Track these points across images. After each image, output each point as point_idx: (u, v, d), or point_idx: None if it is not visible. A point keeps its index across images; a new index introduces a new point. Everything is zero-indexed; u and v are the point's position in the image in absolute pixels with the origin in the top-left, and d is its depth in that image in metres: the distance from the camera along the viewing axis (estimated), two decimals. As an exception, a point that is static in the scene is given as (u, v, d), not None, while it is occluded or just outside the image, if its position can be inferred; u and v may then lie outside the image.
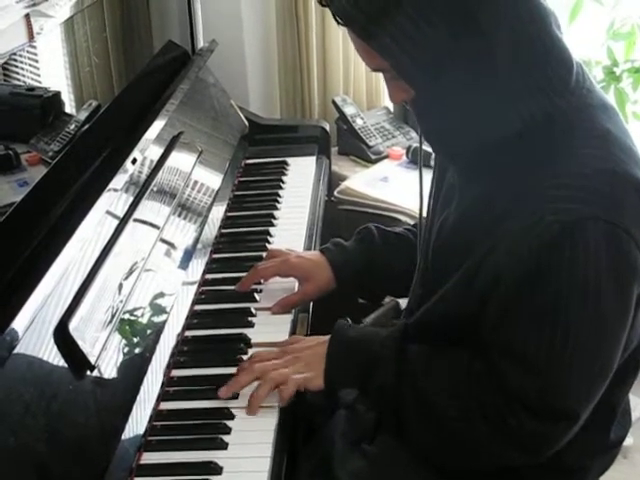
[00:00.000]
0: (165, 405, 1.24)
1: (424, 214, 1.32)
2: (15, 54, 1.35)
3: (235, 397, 1.25)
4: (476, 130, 1.10)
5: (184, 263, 1.48)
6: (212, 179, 1.77)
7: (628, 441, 2.14)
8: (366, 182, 2.27)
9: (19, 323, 1.01)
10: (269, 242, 1.69)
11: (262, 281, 1.51)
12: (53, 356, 1.07)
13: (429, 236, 1.27)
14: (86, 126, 1.50)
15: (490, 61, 1.05)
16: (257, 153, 2.09)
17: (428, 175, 1.32)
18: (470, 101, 1.08)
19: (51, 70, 1.54)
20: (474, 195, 1.16)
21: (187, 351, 1.36)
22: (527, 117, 1.08)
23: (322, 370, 1.24)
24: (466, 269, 1.13)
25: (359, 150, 2.44)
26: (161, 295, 1.37)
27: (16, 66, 1.41)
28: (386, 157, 2.41)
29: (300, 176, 1.98)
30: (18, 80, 1.43)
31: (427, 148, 1.34)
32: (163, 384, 1.27)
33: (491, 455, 1.15)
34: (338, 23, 1.09)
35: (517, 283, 1.06)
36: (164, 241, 1.45)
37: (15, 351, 1.00)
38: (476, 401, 1.12)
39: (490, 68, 1.05)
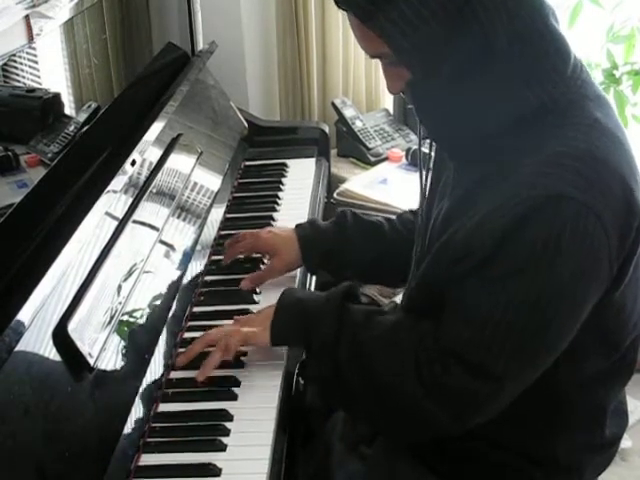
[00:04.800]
0: (164, 407, 1.25)
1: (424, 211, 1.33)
2: (15, 55, 1.35)
3: (234, 399, 1.25)
4: (473, 118, 1.11)
5: (183, 265, 1.48)
6: (211, 181, 1.77)
7: (626, 444, 2.16)
8: (365, 184, 2.28)
9: (18, 324, 1.01)
10: (268, 244, 1.68)
11: (252, 285, 1.53)
12: (52, 357, 1.07)
13: (425, 230, 1.28)
14: (86, 127, 1.50)
15: (488, 50, 1.06)
16: (256, 155, 2.10)
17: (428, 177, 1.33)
18: (467, 89, 1.09)
19: (51, 71, 1.54)
20: (466, 185, 1.16)
21: (186, 353, 1.36)
22: (522, 105, 1.08)
23: (268, 326, 1.27)
24: (439, 244, 1.14)
25: (358, 152, 2.44)
26: (160, 297, 1.37)
27: (16, 67, 1.41)
28: (385, 159, 2.42)
29: (299, 178, 1.99)
30: (18, 81, 1.43)
31: (427, 150, 1.34)
32: (162, 385, 1.28)
33: (424, 418, 1.14)
34: (339, 7, 1.10)
35: (484, 253, 1.07)
36: (163, 242, 1.45)
37: (14, 352, 0.99)
38: (414, 357, 1.13)
39: (488, 57, 1.06)
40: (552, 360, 1.10)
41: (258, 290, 1.52)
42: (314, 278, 1.62)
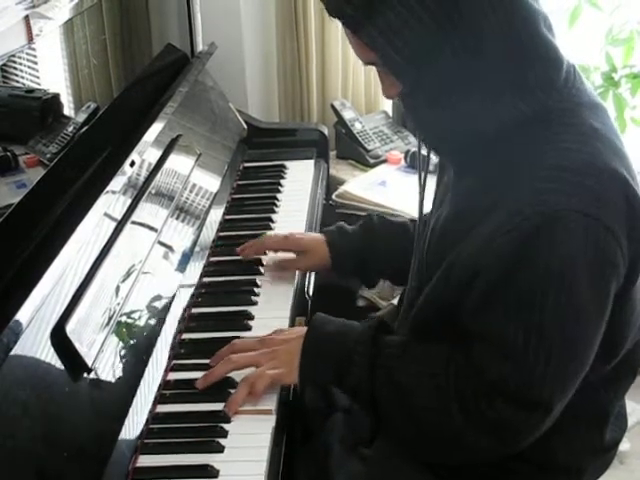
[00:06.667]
0: (161, 408, 1.24)
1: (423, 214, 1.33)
2: (14, 56, 1.35)
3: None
4: (463, 125, 1.11)
5: (182, 266, 1.48)
6: (210, 182, 1.77)
7: (625, 447, 2.16)
8: (364, 186, 2.28)
9: (16, 324, 1.01)
10: (267, 245, 1.68)
11: (266, 252, 1.59)
12: (50, 358, 1.07)
13: (425, 235, 1.28)
14: (85, 128, 1.50)
15: (477, 57, 1.06)
16: (255, 156, 2.09)
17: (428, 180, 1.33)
18: (456, 96, 1.09)
19: (50, 72, 1.54)
20: (463, 192, 1.17)
21: (184, 354, 1.36)
22: (513, 113, 1.08)
23: (297, 366, 1.24)
24: (446, 264, 1.13)
25: (357, 154, 2.44)
26: (158, 298, 1.37)
27: (15, 68, 1.41)
28: (384, 161, 2.42)
29: (298, 180, 1.98)
30: (17, 82, 1.43)
31: (425, 152, 1.34)
32: (160, 387, 1.27)
33: (467, 447, 1.14)
34: (331, 16, 1.10)
35: (497, 274, 1.06)
36: (162, 244, 1.45)
37: (12, 353, 0.99)
38: (454, 391, 1.13)
39: (477, 64, 1.06)
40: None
41: (257, 292, 1.52)
42: (312, 279, 1.62)
